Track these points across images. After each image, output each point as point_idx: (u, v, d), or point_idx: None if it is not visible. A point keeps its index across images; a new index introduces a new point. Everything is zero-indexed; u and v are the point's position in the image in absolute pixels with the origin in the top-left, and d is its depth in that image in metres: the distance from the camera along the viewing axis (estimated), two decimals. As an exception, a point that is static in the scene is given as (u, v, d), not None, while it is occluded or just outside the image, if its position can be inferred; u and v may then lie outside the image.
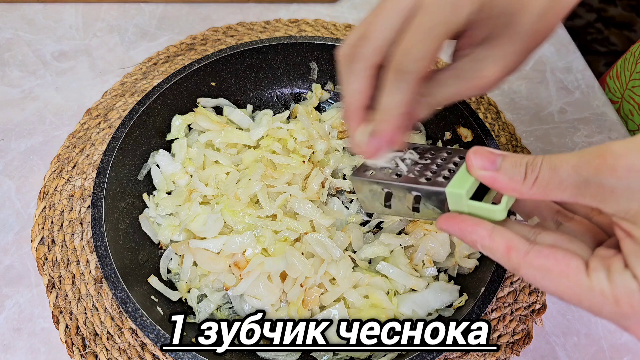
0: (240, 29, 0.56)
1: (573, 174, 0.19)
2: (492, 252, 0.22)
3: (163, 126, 0.43)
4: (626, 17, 1.50)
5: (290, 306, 0.35)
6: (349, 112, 0.27)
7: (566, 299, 0.21)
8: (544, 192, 0.21)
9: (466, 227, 0.23)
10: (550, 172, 0.20)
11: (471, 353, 0.35)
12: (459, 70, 0.26)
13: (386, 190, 0.27)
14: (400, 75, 0.24)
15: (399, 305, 0.35)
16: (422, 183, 0.26)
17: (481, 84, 0.25)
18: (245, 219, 0.37)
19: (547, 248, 0.21)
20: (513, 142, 0.48)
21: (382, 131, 0.26)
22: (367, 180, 0.28)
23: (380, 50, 0.25)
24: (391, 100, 0.25)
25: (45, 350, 0.35)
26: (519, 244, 0.21)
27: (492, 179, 0.22)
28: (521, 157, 0.22)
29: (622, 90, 0.52)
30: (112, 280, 0.32)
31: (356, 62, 0.25)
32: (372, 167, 0.28)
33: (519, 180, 0.21)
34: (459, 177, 0.25)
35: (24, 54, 0.53)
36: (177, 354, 0.30)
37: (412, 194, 0.26)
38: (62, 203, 0.42)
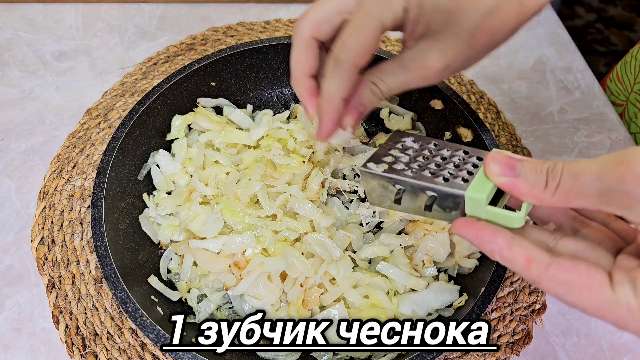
0: (240, 29, 0.56)
1: (596, 182, 0.19)
2: (511, 263, 0.22)
3: (163, 126, 0.43)
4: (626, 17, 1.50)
5: (290, 306, 0.35)
6: (293, 81, 0.30)
7: (590, 312, 0.20)
8: (565, 200, 0.20)
9: (484, 236, 0.22)
10: (572, 179, 0.20)
11: (471, 353, 0.35)
12: (404, 61, 0.27)
13: (398, 187, 0.26)
14: (336, 63, 0.27)
15: (399, 305, 0.35)
16: (439, 183, 0.24)
17: (425, 74, 0.27)
18: (245, 219, 0.37)
19: (569, 261, 0.20)
20: (513, 142, 0.48)
21: (323, 115, 0.28)
22: (379, 174, 0.26)
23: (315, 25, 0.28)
24: (329, 87, 0.27)
25: (45, 350, 0.35)
26: (539, 256, 0.21)
27: (512, 185, 0.22)
28: (541, 163, 0.21)
29: (627, 93, 0.52)
30: (112, 280, 0.32)
31: (295, 34, 0.29)
32: (383, 159, 0.27)
33: (540, 187, 0.21)
34: (478, 180, 0.23)
35: (24, 54, 0.53)
36: (177, 354, 0.30)
37: (427, 194, 0.25)
38: (62, 203, 0.42)
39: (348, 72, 0.26)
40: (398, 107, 0.46)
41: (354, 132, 0.29)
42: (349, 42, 0.26)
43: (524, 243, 0.21)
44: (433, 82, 0.27)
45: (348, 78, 0.27)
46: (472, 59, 0.27)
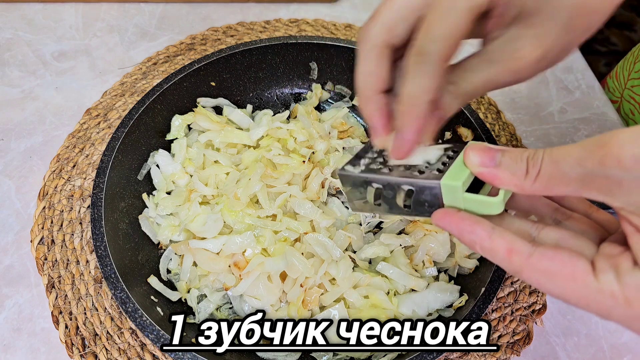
0: (240, 29, 0.56)
1: (577, 167, 0.18)
2: (492, 254, 0.21)
3: (163, 126, 0.43)
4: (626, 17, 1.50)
5: (290, 306, 0.35)
6: (361, 100, 0.24)
7: (573, 302, 0.20)
8: (547, 187, 0.20)
9: (464, 227, 0.22)
10: (552, 165, 0.19)
11: (471, 353, 0.35)
12: (490, 54, 0.23)
13: (375, 185, 0.25)
14: (422, 58, 0.22)
15: (399, 305, 0.35)
16: (415, 176, 0.24)
17: (517, 67, 0.22)
18: (245, 219, 0.37)
19: (551, 250, 0.20)
20: (513, 142, 0.48)
21: (405, 124, 0.23)
22: (354, 175, 0.25)
23: (388, 29, 0.23)
24: (412, 87, 0.22)
25: (45, 351, 0.35)
26: (521, 246, 0.20)
27: (493, 175, 0.21)
28: (521, 152, 0.21)
29: (622, 90, 0.52)
30: (112, 280, 0.32)
31: (363, 43, 0.24)
32: (360, 162, 0.26)
33: (521, 175, 0.20)
34: (453, 169, 0.23)
35: (24, 54, 0.53)
36: (177, 354, 0.30)
37: (403, 189, 0.24)
38: (61, 203, 0.42)
39: (436, 67, 0.21)
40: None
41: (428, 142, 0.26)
42: (435, 29, 0.21)
43: (504, 233, 0.21)
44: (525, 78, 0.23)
45: (437, 75, 0.22)
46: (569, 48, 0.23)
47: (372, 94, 0.24)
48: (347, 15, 0.59)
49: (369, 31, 0.24)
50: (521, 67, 0.22)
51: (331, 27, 0.56)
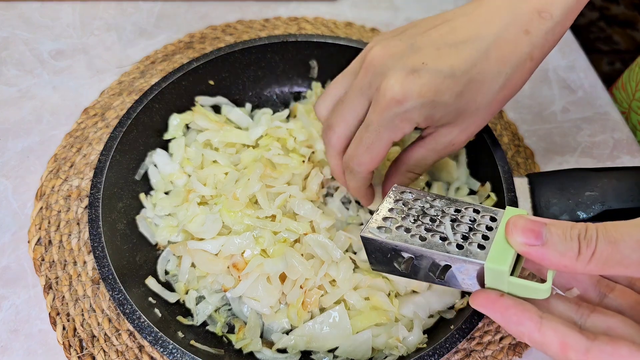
0: (239, 27, 0.55)
1: (638, 250, 0.18)
2: (543, 347, 0.20)
3: (161, 125, 0.43)
4: (629, 15, 1.49)
5: (289, 308, 0.35)
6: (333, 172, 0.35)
7: None
8: (603, 269, 0.19)
9: (511, 317, 0.21)
10: (610, 247, 0.18)
11: (473, 355, 0.35)
12: (431, 145, 0.31)
13: (406, 255, 0.23)
14: (349, 172, 0.31)
15: (400, 307, 0.35)
16: (454, 252, 0.22)
17: (452, 150, 0.31)
18: (244, 220, 0.37)
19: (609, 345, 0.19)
20: (515, 141, 0.48)
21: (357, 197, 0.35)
22: (381, 241, 0.23)
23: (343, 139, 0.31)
24: (350, 184, 0.33)
25: (42, 352, 0.35)
26: (575, 340, 0.19)
27: (540, 255, 0.20)
28: (570, 227, 0.19)
29: (629, 101, 0.52)
30: (110, 281, 0.32)
31: (328, 147, 0.33)
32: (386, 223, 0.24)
33: (573, 256, 0.19)
34: (496, 247, 0.21)
35: (21, 53, 0.53)
36: (175, 356, 0.29)
37: (440, 264, 0.23)
38: (59, 203, 0.41)
39: (362, 178, 0.31)
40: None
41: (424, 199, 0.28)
42: (362, 159, 0.30)
43: (555, 325, 0.20)
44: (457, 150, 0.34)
45: (364, 181, 0.32)
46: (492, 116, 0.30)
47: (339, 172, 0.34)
48: (347, 13, 0.58)
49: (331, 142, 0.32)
50: (455, 149, 0.31)
51: (331, 25, 0.56)
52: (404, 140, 0.44)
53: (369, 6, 0.59)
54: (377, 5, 0.59)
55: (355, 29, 0.56)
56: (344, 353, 0.33)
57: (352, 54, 0.44)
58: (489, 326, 0.36)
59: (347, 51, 0.44)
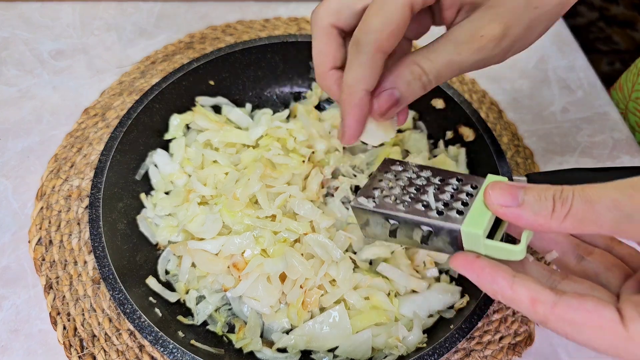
0: (239, 27, 0.55)
1: (613, 209, 0.18)
2: (514, 303, 0.21)
3: (161, 125, 0.43)
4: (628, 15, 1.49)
5: (289, 308, 0.35)
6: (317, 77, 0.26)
7: (602, 351, 0.19)
8: (577, 227, 0.19)
9: (485, 276, 0.21)
10: (585, 205, 0.19)
11: (473, 355, 0.35)
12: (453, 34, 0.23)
13: (392, 221, 0.25)
14: (357, 47, 0.23)
15: (400, 306, 0.35)
16: (434, 217, 0.23)
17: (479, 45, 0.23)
18: (244, 220, 0.37)
19: (575, 299, 0.20)
20: (515, 141, 0.48)
21: (344, 111, 0.24)
22: (370, 210, 0.25)
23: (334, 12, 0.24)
24: (348, 77, 0.23)
25: (42, 352, 0.35)
26: (544, 295, 0.20)
27: (516, 216, 0.21)
28: (545, 189, 0.20)
29: (626, 101, 0.52)
30: (110, 281, 0.32)
31: (313, 24, 0.25)
32: (374, 192, 0.26)
33: (547, 214, 0.20)
34: (474, 212, 0.22)
35: (21, 53, 0.53)
36: (175, 356, 0.29)
37: (422, 229, 0.24)
38: (59, 203, 0.42)
39: (371, 58, 0.22)
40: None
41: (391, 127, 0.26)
42: (371, 21, 0.22)
43: (526, 282, 0.21)
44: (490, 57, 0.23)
45: (371, 65, 0.23)
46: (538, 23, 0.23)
47: (325, 70, 0.25)
48: (347, 13, 0.58)
49: (318, 13, 0.25)
50: (483, 45, 0.23)
51: (331, 25, 0.56)
52: (403, 140, 0.44)
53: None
54: None
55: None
56: (344, 353, 0.33)
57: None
58: (488, 326, 0.36)
59: (347, 51, 0.44)
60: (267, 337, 0.35)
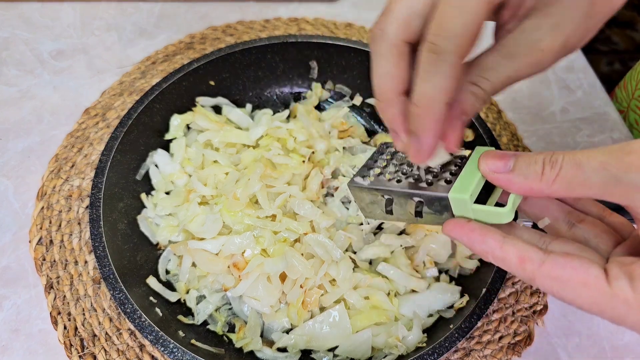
0: (240, 28, 0.56)
1: (601, 171, 0.18)
2: (504, 263, 0.21)
3: (161, 126, 0.43)
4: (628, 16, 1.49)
5: (290, 307, 0.35)
6: (379, 102, 0.23)
7: (586, 308, 0.20)
8: (566, 189, 0.20)
9: (475, 237, 0.22)
10: (574, 168, 0.19)
11: (472, 354, 0.35)
12: (509, 48, 0.21)
13: (386, 197, 0.26)
14: (436, 56, 0.20)
15: (399, 306, 0.35)
16: (424, 188, 0.24)
17: (538, 59, 0.21)
18: (244, 220, 0.37)
19: (562, 257, 0.20)
20: (515, 141, 0.48)
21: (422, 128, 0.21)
22: (366, 187, 0.26)
23: (405, 24, 0.21)
24: (428, 88, 0.20)
25: (43, 352, 0.35)
26: (532, 253, 0.20)
27: (508, 180, 0.21)
28: (536, 155, 0.20)
29: (629, 100, 0.52)
30: (111, 281, 0.32)
31: (379, 42, 0.22)
32: (370, 172, 0.27)
33: (536, 178, 0.20)
34: (461, 180, 0.23)
35: (22, 53, 0.53)
36: (176, 355, 0.29)
37: (413, 200, 0.25)
38: (60, 203, 0.42)
39: (453, 66, 0.20)
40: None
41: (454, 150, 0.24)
42: (450, 24, 0.19)
43: (515, 242, 0.21)
44: (546, 69, 0.22)
45: (454, 74, 0.20)
46: (588, 34, 0.22)
47: (393, 97, 0.22)
48: (347, 14, 0.58)
49: (384, 29, 0.22)
50: (542, 59, 0.22)
51: (331, 25, 0.56)
52: None
53: (368, 7, 0.59)
54: (376, 6, 0.59)
55: (355, 30, 0.56)
56: (344, 352, 0.34)
57: (351, 54, 0.44)
58: (488, 325, 0.37)
59: (347, 52, 0.44)
60: (267, 336, 0.35)
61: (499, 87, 0.23)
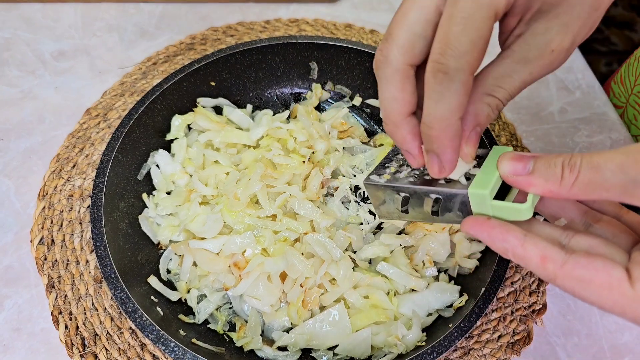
0: (240, 29, 0.56)
1: (619, 174, 0.18)
2: (525, 261, 0.21)
3: (163, 126, 0.43)
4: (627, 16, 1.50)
5: (290, 307, 0.35)
6: (389, 126, 0.23)
7: (608, 309, 0.20)
8: (585, 192, 0.20)
9: (496, 235, 0.21)
10: (592, 171, 0.19)
11: (471, 353, 0.35)
12: (522, 53, 0.22)
13: (403, 194, 0.25)
14: (445, 76, 0.20)
15: (399, 305, 0.35)
16: (442, 185, 0.24)
17: (552, 60, 0.21)
18: (244, 219, 0.37)
19: (585, 257, 0.20)
20: (514, 142, 0.48)
21: (441, 146, 0.21)
22: (382, 185, 0.26)
23: (407, 49, 0.21)
24: (438, 109, 0.20)
25: (44, 351, 0.35)
26: (554, 253, 0.20)
27: (527, 182, 0.21)
28: (555, 157, 0.21)
29: (627, 95, 0.52)
30: (112, 280, 0.32)
31: (383, 68, 0.22)
32: (385, 171, 0.27)
33: (556, 180, 0.20)
34: (480, 176, 0.23)
35: (23, 54, 0.53)
36: (177, 354, 0.29)
37: (431, 198, 0.24)
38: (61, 203, 0.42)
39: (463, 84, 0.20)
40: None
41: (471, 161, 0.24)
42: (457, 43, 0.19)
43: (537, 241, 0.21)
44: (558, 67, 0.23)
45: (465, 91, 0.20)
46: (594, 25, 0.22)
47: (400, 119, 0.23)
48: (347, 15, 0.58)
49: (387, 55, 0.22)
50: (555, 60, 0.22)
51: (331, 26, 0.56)
52: None
53: (368, 8, 0.60)
54: (376, 7, 0.60)
55: (355, 31, 0.56)
56: (344, 351, 0.34)
57: (351, 55, 0.45)
58: (487, 325, 0.37)
59: (347, 53, 0.45)
60: (268, 335, 0.35)
61: (514, 93, 0.23)
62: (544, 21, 0.21)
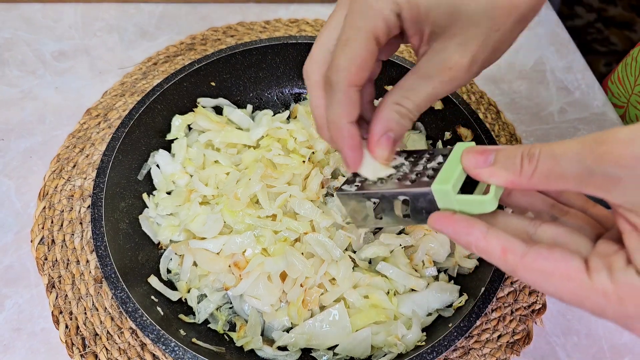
0: (240, 29, 0.56)
1: (576, 163, 0.18)
2: (487, 254, 0.21)
3: (163, 126, 0.43)
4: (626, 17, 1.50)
5: (290, 306, 0.35)
6: (317, 128, 0.28)
7: (567, 300, 0.20)
8: (544, 182, 0.20)
9: (460, 228, 0.22)
10: (550, 161, 0.19)
11: (471, 353, 0.35)
12: (424, 70, 0.24)
13: (374, 200, 0.26)
14: (329, 88, 0.25)
15: (399, 305, 0.35)
16: (407, 186, 0.25)
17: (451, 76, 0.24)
18: (245, 219, 0.37)
19: (545, 249, 0.20)
20: (513, 142, 0.48)
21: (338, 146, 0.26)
22: (352, 194, 0.26)
23: (320, 65, 0.26)
24: (330, 115, 0.25)
25: (45, 351, 0.35)
26: (515, 245, 0.21)
27: (489, 174, 0.22)
28: (515, 148, 0.21)
29: (628, 95, 0.52)
30: (112, 280, 0.32)
31: (305, 79, 0.27)
32: (355, 179, 0.27)
33: (515, 171, 0.20)
34: (443, 173, 0.24)
35: (24, 54, 0.53)
36: (177, 354, 0.30)
37: (399, 199, 0.25)
38: (62, 203, 0.42)
39: (345, 94, 0.24)
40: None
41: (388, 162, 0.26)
42: (339, 60, 0.24)
43: (499, 233, 0.21)
44: (463, 83, 0.24)
45: (347, 101, 0.24)
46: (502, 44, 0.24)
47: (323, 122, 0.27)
48: (347, 15, 0.59)
49: (306, 71, 0.27)
50: (455, 76, 0.24)
51: (331, 27, 0.56)
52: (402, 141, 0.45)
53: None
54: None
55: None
56: (344, 351, 0.34)
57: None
58: (487, 324, 0.37)
59: (347, 53, 0.45)
60: (268, 335, 0.35)
61: (422, 105, 0.25)
62: (441, 41, 0.24)
